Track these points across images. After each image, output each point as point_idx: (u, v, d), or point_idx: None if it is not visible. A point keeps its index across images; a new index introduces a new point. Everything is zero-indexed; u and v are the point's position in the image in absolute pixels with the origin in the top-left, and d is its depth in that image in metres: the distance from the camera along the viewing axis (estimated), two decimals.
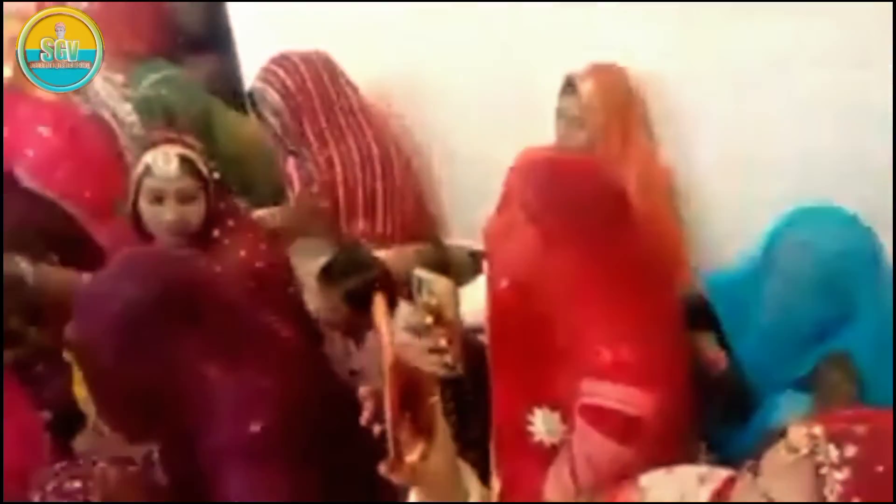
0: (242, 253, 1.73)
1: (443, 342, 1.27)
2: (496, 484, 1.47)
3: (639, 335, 1.22)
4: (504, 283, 1.33)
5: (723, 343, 1.54)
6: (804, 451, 0.79)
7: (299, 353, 1.39)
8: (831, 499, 0.76)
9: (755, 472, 0.85)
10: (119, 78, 2.52)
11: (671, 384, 1.23)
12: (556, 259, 1.23)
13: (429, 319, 1.26)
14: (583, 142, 1.96)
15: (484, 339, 1.51)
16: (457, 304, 1.27)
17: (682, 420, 1.27)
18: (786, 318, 1.39)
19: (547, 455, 1.34)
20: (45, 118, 2.21)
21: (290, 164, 2.38)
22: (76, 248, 2.00)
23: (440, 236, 2.56)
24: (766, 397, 1.47)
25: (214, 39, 2.79)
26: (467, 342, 1.47)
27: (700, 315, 1.52)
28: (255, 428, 1.19)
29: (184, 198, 1.69)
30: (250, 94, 2.29)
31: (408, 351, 1.28)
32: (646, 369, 1.20)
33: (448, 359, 1.28)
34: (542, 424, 1.35)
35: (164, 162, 1.67)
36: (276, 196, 2.44)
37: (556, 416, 1.32)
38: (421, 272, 1.28)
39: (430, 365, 1.29)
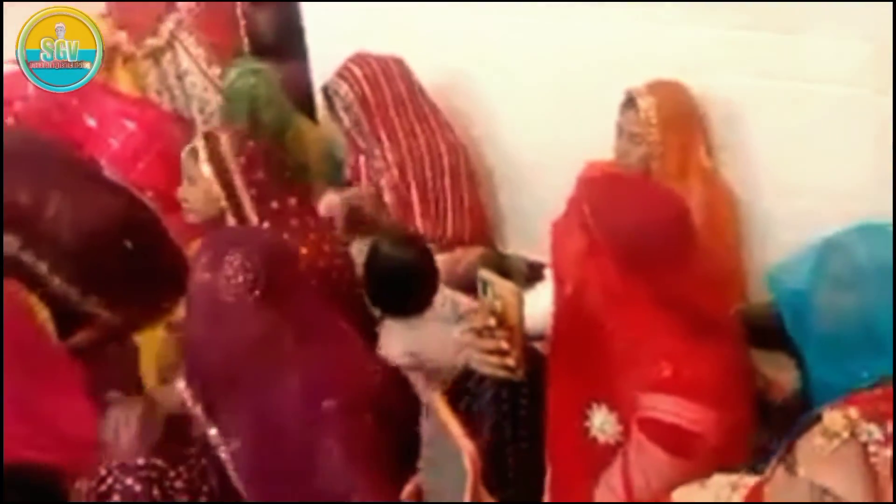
0: (304, 251, 1.76)
1: (504, 344, 1.26)
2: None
3: (699, 352, 1.22)
4: (569, 286, 1.34)
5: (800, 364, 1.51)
6: (845, 434, 0.79)
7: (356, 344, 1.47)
8: (883, 477, 0.76)
9: (790, 467, 0.84)
10: (215, 71, 2.62)
11: (730, 402, 1.23)
12: (604, 271, 1.24)
13: (492, 321, 1.25)
14: (641, 158, 1.94)
15: (540, 346, 1.53)
16: (521, 308, 1.27)
17: (740, 439, 1.26)
18: (833, 329, 1.37)
19: (599, 453, 1.35)
20: (131, 113, 2.30)
21: (360, 162, 2.42)
22: (152, 239, 2.06)
23: (498, 245, 2.57)
24: None
25: (287, 45, 2.86)
26: (527, 349, 1.48)
27: (770, 332, 1.49)
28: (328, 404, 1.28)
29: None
30: (325, 89, 2.33)
31: (470, 352, 1.29)
32: (705, 385, 1.20)
33: (509, 361, 1.27)
34: (599, 422, 1.35)
35: None
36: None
37: (613, 416, 1.33)
38: (487, 274, 1.28)
39: (491, 367, 1.29)
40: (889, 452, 0.77)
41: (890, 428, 0.78)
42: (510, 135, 2.49)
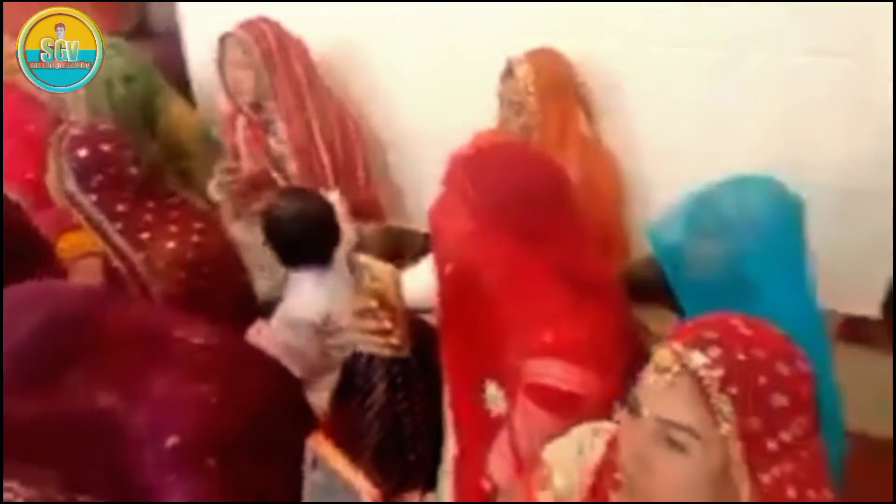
0: (171, 245, 1.70)
1: (387, 324, 1.27)
2: (451, 452, 1.49)
3: (580, 316, 1.23)
4: (449, 266, 1.33)
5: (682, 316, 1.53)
6: (675, 367, 0.83)
7: (216, 359, 1.31)
8: (716, 397, 0.79)
9: (634, 409, 0.87)
10: None
11: (611, 362, 1.24)
12: (492, 245, 1.23)
13: (373, 303, 1.26)
14: (522, 127, 1.95)
15: (431, 318, 1.52)
16: (399, 287, 1.27)
17: (622, 397, 1.27)
18: (700, 278, 1.39)
19: (494, 423, 1.36)
20: None
21: (248, 136, 2.32)
22: (16, 234, 1.92)
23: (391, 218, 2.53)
24: None
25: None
26: (413, 323, 1.48)
27: (653, 287, 1.50)
28: (171, 442, 1.15)
29: None
30: (222, 40, 2.18)
31: (355, 335, 1.29)
32: (585, 348, 1.21)
33: (393, 340, 1.29)
34: (491, 395, 1.37)
35: None
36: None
37: (502, 391, 1.34)
38: (363, 258, 1.29)
39: (377, 346, 1.30)
40: (717, 373, 0.80)
41: (714, 352, 0.81)
42: (402, 110, 2.46)
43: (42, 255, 1.98)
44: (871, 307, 2.04)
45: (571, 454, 1.02)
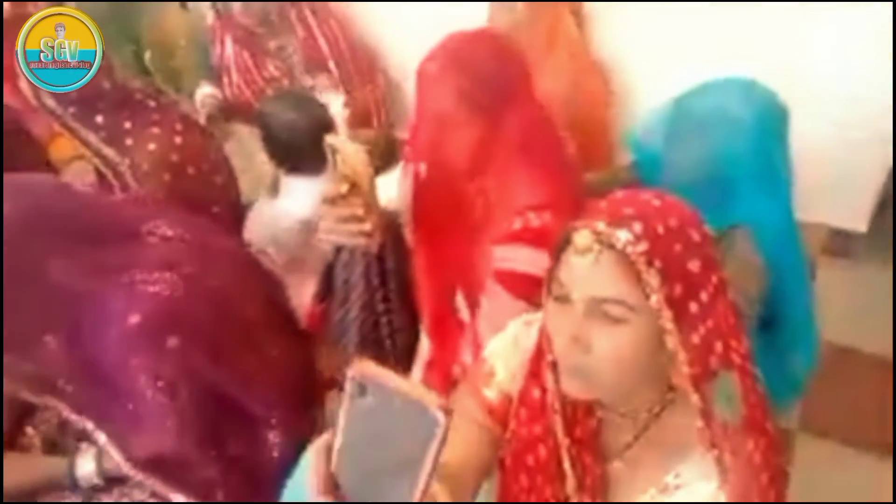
0: (151, 147, 1.67)
1: (359, 210, 1.21)
2: (422, 357, 1.50)
3: (547, 204, 1.22)
4: (422, 166, 1.32)
5: None
6: (597, 247, 0.83)
7: (187, 250, 1.31)
8: (644, 271, 0.81)
9: (561, 296, 0.87)
10: None
11: None
12: (460, 135, 1.22)
13: (344, 188, 1.19)
14: (510, 22, 1.91)
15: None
16: (370, 171, 1.22)
17: None
18: (677, 182, 1.34)
19: (466, 328, 1.37)
20: None
21: (230, 53, 2.30)
22: (10, 137, 1.92)
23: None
24: None
25: None
26: (389, 220, 1.46)
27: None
28: (133, 320, 1.15)
29: None
30: None
31: (326, 222, 1.25)
32: (552, 234, 1.19)
33: (365, 227, 1.22)
34: (463, 304, 1.37)
35: None
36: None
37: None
38: (334, 140, 1.23)
39: (349, 234, 1.25)
40: (641, 247, 0.80)
41: (637, 227, 0.82)
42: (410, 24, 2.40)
43: (34, 158, 1.99)
44: (858, 222, 2.03)
45: (509, 346, 1.03)
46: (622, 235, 0.81)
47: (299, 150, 1.87)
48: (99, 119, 1.67)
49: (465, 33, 1.26)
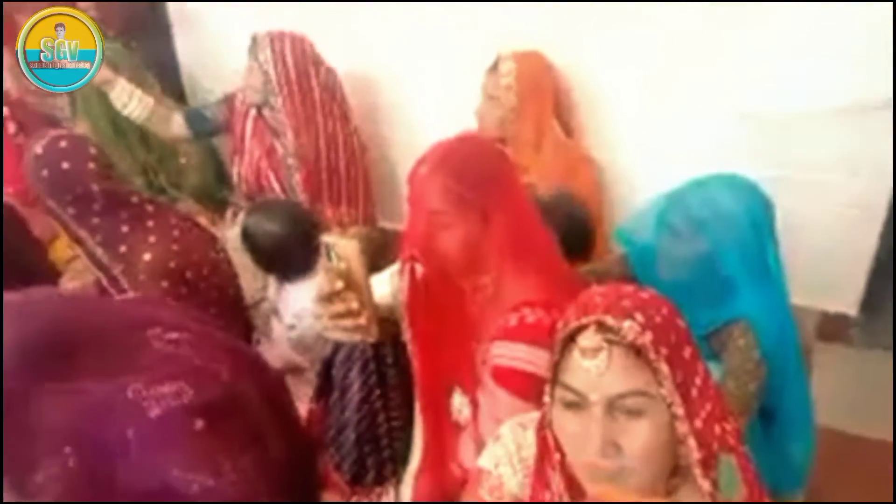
0: (147, 256, 1.66)
1: (355, 305, 1.21)
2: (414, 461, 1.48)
3: (542, 299, 1.22)
4: (416, 265, 1.33)
5: None
6: (606, 344, 0.85)
7: (187, 356, 1.31)
8: (654, 359, 0.82)
9: (575, 403, 0.88)
10: None
11: None
12: (451, 234, 1.24)
13: (339, 284, 1.20)
14: (497, 120, 1.97)
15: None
16: (364, 265, 1.22)
17: None
18: (675, 278, 1.39)
19: (461, 429, 1.35)
20: None
21: (249, 128, 2.33)
22: (12, 236, 1.93)
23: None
24: None
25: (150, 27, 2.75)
26: (385, 316, 1.45)
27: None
28: (154, 413, 1.16)
29: None
30: (253, 39, 2.20)
31: (322, 320, 1.25)
32: (549, 331, 1.19)
33: (361, 320, 1.21)
34: (458, 402, 1.36)
35: None
36: (207, 188, 2.39)
37: (466, 398, 1.33)
38: (329, 237, 1.23)
39: (344, 330, 1.23)
40: (648, 337, 0.81)
41: (639, 317, 0.83)
42: (404, 114, 2.49)
43: (36, 258, 2.00)
44: (849, 305, 2.03)
45: (512, 453, 1.02)
46: (630, 327, 0.82)
47: (287, 258, 1.88)
48: (95, 221, 1.67)
49: (452, 138, 1.29)
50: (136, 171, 2.31)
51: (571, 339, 0.88)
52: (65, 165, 1.63)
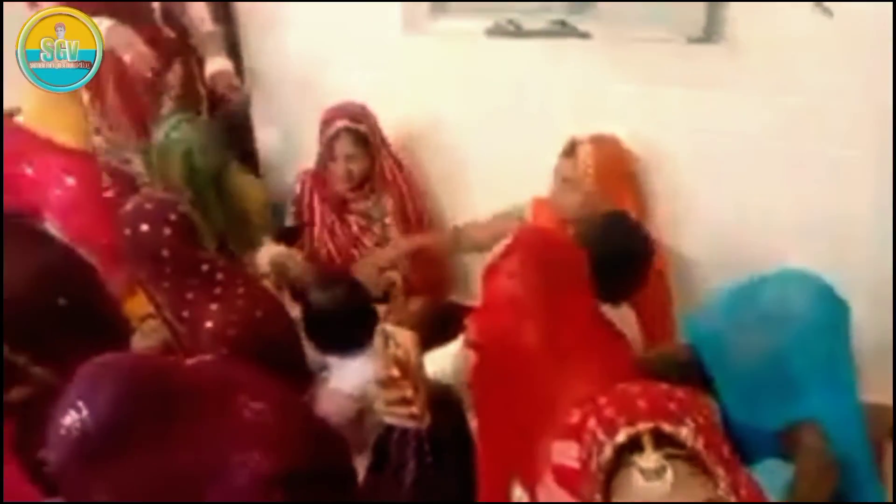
0: (209, 324, 1.67)
1: (409, 393, 1.24)
2: None
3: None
4: (483, 350, 1.34)
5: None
6: (666, 461, 0.83)
7: (273, 427, 1.36)
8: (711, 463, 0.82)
9: None
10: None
11: None
12: (526, 325, 1.25)
13: (395, 371, 1.23)
14: (574, 204, 1.98)
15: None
16: (419, 354, 1.26)
17: None
18: (743, 372, 1.36)
19: None
20: (71, 168, 2.27)
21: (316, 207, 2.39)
22: (88, 294, 1.99)
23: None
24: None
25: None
26: (447, 398, 1.46)
27: (687, 371, 1.45)
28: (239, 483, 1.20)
29: None
30: (333, 133, 2.26)
31: (378, 403, 1.27)
32: None
33: (414, 410, 1.25)
34: (518, 494, 1.34)
35: None
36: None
37: (526, 492, 1.32)
38: (386, 326, 1.28)
39: (398, 417, 1.27)
40: (700, 441, 0.80)
41: (690, 423, 0.81)
42: (472, 192, 2.51)
43: (111, 316, 2.05)
44: None
45: None
46: (687, 435, 0.81)
47: (342, 335, 1.88)
48: (165, 284, 1.71)
49: (535, 229, 1.32)
50: (210, 234, 2.37)
51: (624, 450, 0.84)
52: (144, 227, 1.68)
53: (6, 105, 2.45)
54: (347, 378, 1.86)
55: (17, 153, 2.25)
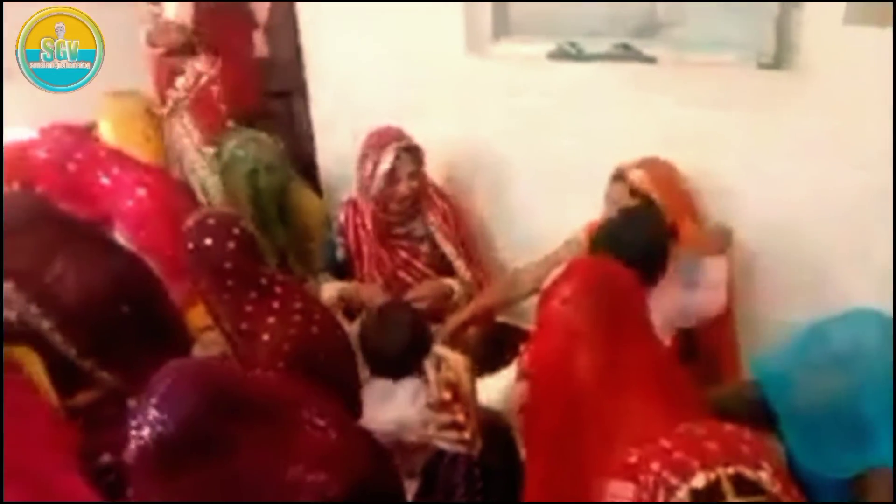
0: (266, 337, 1.67)
1: (460, 417, 1.23)
2: None
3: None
4: (538, 381, 1.30)
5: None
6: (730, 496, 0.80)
7: (337, 447, 1.37)
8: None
9: None
10: (210, 150, 2.62)
11: None
12: (585, 357, 1.21)
13: (447, 395, 1.23)
14: None
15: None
16: (472, 379, 1.25)
17: None
18: (813, 414, 1.29)
19: None
20: (144, 180, 2.33)
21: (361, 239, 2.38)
22: (152, 302, 2.03)
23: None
24: None
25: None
26: (498, 425, 1.44)
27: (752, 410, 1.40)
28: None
29: None
30: (408, 149, 2.23)
31: (429, 427, 1.26)
32: None
33: (465, 435, 1.24)
34: None
35: None
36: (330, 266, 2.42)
37: None
38: (440, 349, 1.27)
39: (448, 441, 1.27)
40: (778, 487, 0.78)
41: (767, 466, 0.79)
42: (520, 212, 2.50)
43: (173, 325, 2.09)
44: None
45: None
46: (767, 479, 0.78)
47: (397, 362, 1.88)
48: (226, 297, 1.72)
49: (595, 261, 1.33)
50: (271, 250, 2.40)
51: (700, 495, 0.80)
52: (207, 242, 1.70)
53: (85, 120, 2.52)
54: (392, 400, 1.86)
55: (94, 164, 2.32)
